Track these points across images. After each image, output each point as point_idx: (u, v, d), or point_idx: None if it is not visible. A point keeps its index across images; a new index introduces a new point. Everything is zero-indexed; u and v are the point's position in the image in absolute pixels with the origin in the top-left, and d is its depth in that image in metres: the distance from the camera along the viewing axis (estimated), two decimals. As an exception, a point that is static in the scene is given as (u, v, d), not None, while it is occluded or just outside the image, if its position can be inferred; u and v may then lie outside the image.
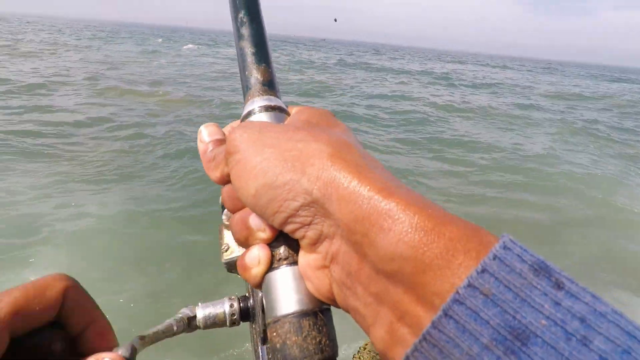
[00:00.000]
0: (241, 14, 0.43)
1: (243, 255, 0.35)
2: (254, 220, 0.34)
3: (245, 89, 0.41)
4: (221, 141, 0.39)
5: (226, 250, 0.45)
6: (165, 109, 9.19)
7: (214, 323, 0.47)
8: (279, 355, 0.32)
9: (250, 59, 0.42)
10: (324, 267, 0.31)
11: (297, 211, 0.30)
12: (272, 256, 0.34)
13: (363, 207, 0.27)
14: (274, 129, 0.34)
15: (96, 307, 0.32)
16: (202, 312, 0.46)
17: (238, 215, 0.35)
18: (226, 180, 0.36)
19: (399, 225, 0.25)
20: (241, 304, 0.47)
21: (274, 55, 0.44)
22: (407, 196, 0.27)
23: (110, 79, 12.04)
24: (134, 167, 5.89)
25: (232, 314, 0.47)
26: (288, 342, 0.31)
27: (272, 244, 0.34)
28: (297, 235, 0.31)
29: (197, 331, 0.45)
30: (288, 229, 0.31)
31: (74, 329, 0.31)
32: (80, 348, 0.31)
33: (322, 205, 0.29)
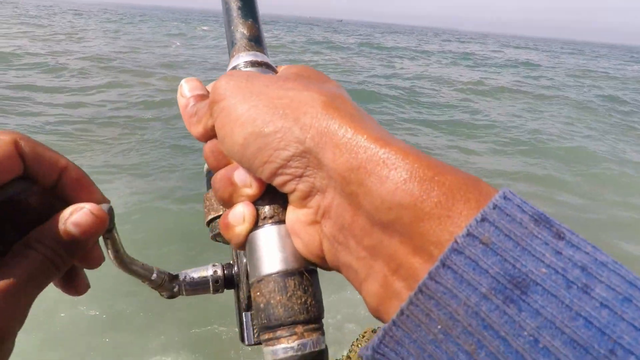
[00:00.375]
0: None
1: (226, 213, 0.34)
2: (239, 176, 0.32)
3: (231, 44, 0.40)
4: (203, 96, 0.38)
5: (209, 213, 0.43)
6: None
7: (197, 289, 0.46)
8: (262, 315, 0.31)
9: (235, 13, 0.41)
10: (315, 222, 0.30)
11: (288, 161, 0.29)
12: (257, 214, 0.33)
13: (359, 155, 0.26)
14: (263, 77, 0.32)
15: (62, 155, 0.31)
16: (183, 275, 0.45)
17: (222, 171, 0.34)
18: (209, 135, 0.35)
19: (397, 173, 0.25)
20: (225, 271, 0.46)
21: (288, 37, 0.43)
22: (404, 146, 0.26)
23: (133, 62, 12.10)
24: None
25: (216, 281, 0.46)
26: (272, 301, 0.31)
27: (257, 202, 0.33)
28: (287, 188, 0.30)
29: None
30: (277, 181, 0.30)
31: (45, 180, 0.30)
32: (60, 203, 0.30)
33: (315, 155, 0.28)
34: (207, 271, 0.47)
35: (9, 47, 11.79)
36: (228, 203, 0.34)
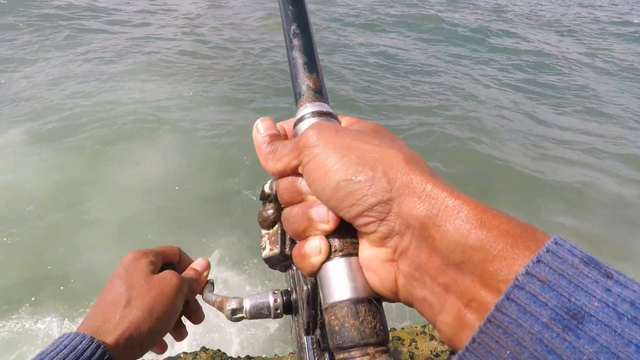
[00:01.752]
0: (293, 27, 0.48)
1: (301, 245, 0.38)
2: (317, 212, 0.37)
3: (298, 95, 0.45)
4: (277, 136, 0.43)
5: (264, 249, 0.49)
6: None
7: (259, 314, 0.52)
8: (337, 337, 0.35)
9: (302, 68, 0.46)
10: (391, 260, 0.34)
11: (374, 207, 0.33)
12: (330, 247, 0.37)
13: (436, 206, 0.31)
14: (349, 132, 0.37)
15: (191, 259, 0.73)
16: (248, 303, 0.51)
17: (298, 207, 0.38)
18: (286, 173, 0.39)
19: (469, 221, 0.29)
20: (284, 298, 0.52)
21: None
22: (472, 199, 0.31)
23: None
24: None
25: (277, 308, 0.52)
26: (346, 324, 0.34)
27: (328, 237, 0.37)
28: (368, 229, 0.34)
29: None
30: (360, 222, 0.34)
31: (182, 267, 0.71)
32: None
33: (398, 204, 0.32)
34: (268, 298, 0.53)
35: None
36: (301, 236, 0.39)
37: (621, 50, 10.43)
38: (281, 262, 0.53)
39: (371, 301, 0.36)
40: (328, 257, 0.37)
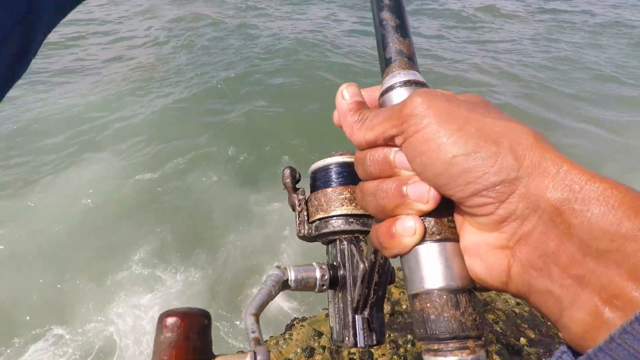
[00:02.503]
0: None
1: (390, 223, 0.35)
2: (414, 190, 0.34)
3: (387, 61, 0.41)
4: (363, 104, 0.39)
5: (316, 213, 0.49)
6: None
7: (304, 287, 0.49)
8: (432, 326, 0.32)
9: (392, 31, 0.41)
10: (506, 247, 0.31)
11: (496, 186, 0.30)
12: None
13: (575, 189, 0.27)
14: (461, 102, 0.33)
15: None
16: (294, 274, 0.49)
17: (389, 182, 0.35)
18: (377, 143, 0.36)
19: (621, 207, 0.26)
20: (331, 272, 0.50)
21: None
22: (622, 184, 0.27)
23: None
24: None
25: (322, 283, 0.50)
26: (445, 314, 0.32)
27: (422, 217, 0.34)
28: (483, 210, 0.31)
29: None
30: (474, 202, 0.31)
31: None
32: None
33: (525, 184, 0.29)
34: (315, 272, 0.50)
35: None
36: (388, 213, 0.35)
37: None
38: (314, 235, 0.53)
39: (471, 291, 0.33)
40: (422, 240, 0.34)
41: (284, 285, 0.49)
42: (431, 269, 0.33)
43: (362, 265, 0.47)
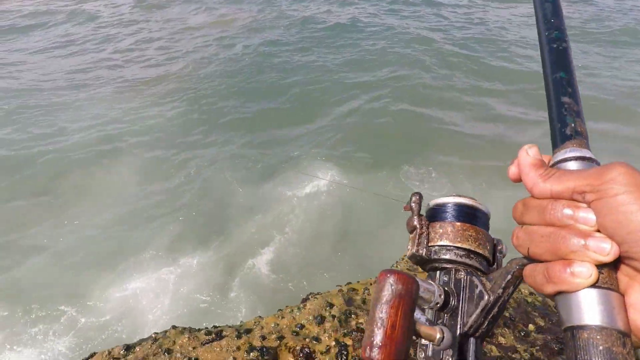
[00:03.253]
0: (559, 74, 0.53)
1: (566, 264, 0.40)
2: (596, 243, 0.39)
3: (563, 136, 0.49)
4: (544, 162, 0.47)
5: (408, 249, 0.57)
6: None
7: (421, 298, 0.52)
8: (599, 356, 0.37)
9: (572, 112, 0.50)
10: None
11: None
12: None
13: None
14: None
15: None
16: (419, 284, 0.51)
17: (570, 231, 0.41)
18: (562, 195, 0.42)
19: None
20: (444, 297, 0.54)
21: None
22: None
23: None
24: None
25: (438, 302, 0.54)
26: (614, 349, 0.37)
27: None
28: None
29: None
30: None
31: None
32: None
33: None
34: (434, 289, 0.54)
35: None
36: (561, 256, 0.41)
37: None
38: (423, 261, 0.58)
39: (631, 339, 0.39)
40: (593, 284, 0.40)
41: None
42: (601, 309, 0.39)
43: (486, 297, 0.52)
